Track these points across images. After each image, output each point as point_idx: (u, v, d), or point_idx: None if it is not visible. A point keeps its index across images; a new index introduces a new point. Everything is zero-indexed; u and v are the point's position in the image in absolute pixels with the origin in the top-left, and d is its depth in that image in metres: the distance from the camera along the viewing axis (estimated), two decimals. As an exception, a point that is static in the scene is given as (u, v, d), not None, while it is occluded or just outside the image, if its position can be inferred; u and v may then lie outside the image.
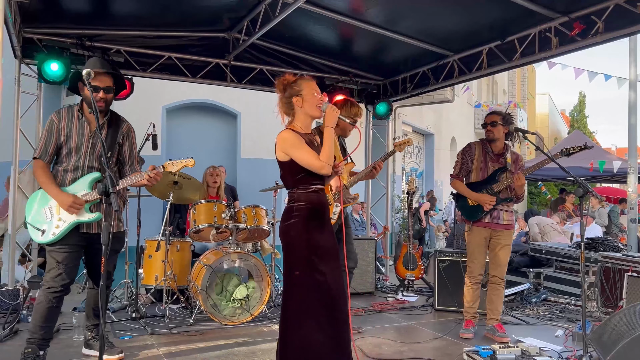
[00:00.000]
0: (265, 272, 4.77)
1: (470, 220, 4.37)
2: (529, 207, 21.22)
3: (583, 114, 33.31)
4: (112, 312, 4.90)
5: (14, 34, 4.67)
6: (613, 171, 10.42)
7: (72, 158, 3.31)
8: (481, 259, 4.35)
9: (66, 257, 3.23)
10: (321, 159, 2.89)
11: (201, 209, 4.91)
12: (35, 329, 3.25)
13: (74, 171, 3.31)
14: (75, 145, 3.31)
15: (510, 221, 4.37)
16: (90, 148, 3.33)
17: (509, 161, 4.37)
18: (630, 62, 7.77)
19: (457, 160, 4.51)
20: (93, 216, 3.30)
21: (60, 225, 3.22)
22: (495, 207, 4.29)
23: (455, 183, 4.49)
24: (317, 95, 2.98)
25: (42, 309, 3.23)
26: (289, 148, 2.92)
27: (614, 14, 4.34)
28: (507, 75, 21.24)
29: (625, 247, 6.01)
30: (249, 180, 7.72)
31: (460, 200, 4.49)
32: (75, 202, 3.18)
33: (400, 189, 11.77)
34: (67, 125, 3.31)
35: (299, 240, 2.92)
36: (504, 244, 4.32)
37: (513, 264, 6.50)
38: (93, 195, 3.25)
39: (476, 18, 5.08)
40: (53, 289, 3.21)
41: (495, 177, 4.32)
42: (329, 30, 5.62)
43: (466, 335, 4.29)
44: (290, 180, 3.01)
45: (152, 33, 5.61)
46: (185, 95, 7.65)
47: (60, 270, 3.21)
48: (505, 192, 4.32)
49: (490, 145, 4.39)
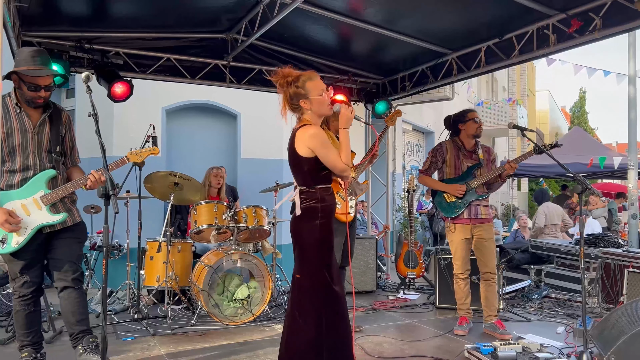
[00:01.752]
0: (266, 272, 4.78)
1: (449, 216, 4.46)
2: (529, 204, 21.23)
3: (584, 110, 33.28)
4: (114, 314, 4.93)
5: (13, 38, 4.68)
6: (613, 167, 10.40)
7: (17, 157, 3.03)
8: (465, 256, 4.44)
9: (26, 264, 3.02)
10: (343, 160, 2.87)
11: (202, 210, 4.92)
12: (23, 337, 3.15)
13: (23, 171, 3.04)
14: (20, 143, 3.02)
15: (488, 215, 4.50)
16: (37, 144, 3.06)
17: (481, 157, 4.49)
18: (629, 56, 7.78)
19: (427, 158, 4.65)
20: (58, 217, 3.06)
21: (22, 233, 2.95)
22: (472, 202, 4.40)
23: (423, 178, 4.64)
24: (324, 95, 2.92)
25: (21, 317, 3.11)
26: (319, 145, 2.84)
27: (612, 11, 4.34)
28: (506, 73, 21.20)
29: (626, 243, 6.01)
30: (249, 181, 7.72)
31: (436, 197, 4.58)
32: (8, 219, 2.88)
33: (401, 187, 11.77)
34: (6, 121, 2.99)
35: (326, 242, 2.91)
36: (486, 238, 4.42)
37: (514, 261, 6.51)
38: (53, 195, 3.03)
39: (474, 16, 5.08)
40: (24, 297, 3.07)
41: (471, 173, 4.45)
42: (327, 30, 5.62)
43: (460, 332, 4.35)
44: (311, 176, 2.91)
45: (151, 35, 5.62)
46: (184, 97, 7.65)
47: (25, 279, 3.03)
48: (481, 188, 4.45)
49: (462, 143, 4.52)
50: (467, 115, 4.51)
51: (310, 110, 2.92)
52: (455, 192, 4.41)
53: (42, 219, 3.01)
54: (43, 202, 3.02)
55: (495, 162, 4.62)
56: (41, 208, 3.01)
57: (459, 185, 4.41)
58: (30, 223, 2.98)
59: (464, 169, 4.48)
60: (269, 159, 7.99)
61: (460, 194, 4.39)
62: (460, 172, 4.49)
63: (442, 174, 4.58)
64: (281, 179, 6.10)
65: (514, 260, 6.51)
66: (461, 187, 4.40)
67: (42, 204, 3.01)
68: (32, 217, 2.99)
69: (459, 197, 4.40)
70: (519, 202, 19.92)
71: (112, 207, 2.60)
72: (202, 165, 5.94)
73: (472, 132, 4.48)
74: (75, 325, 3.17)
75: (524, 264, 6.56)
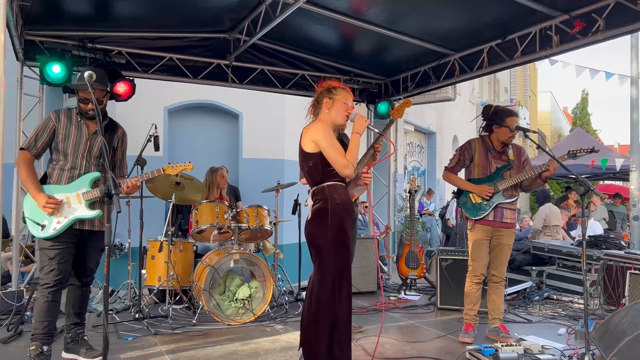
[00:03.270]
0: (267, 272, 4.78)
1: (473, 218, 4.27)
2: (531, 206, 21.19)
3: (586, 111, 33.22)
4: (115, 313, 4.93)
5: (16, 37, 4.69)
6: (616, 169, 10.40)
7: (69, 158, 3.39)
8: (484, 258, 4.25)
9: (58, 253, 3.28)
10: (347, 158, 2.92)
11: (204, 210, 4.92)
12: (37, 325, 3.32)
13: (70, 170, 3.39)
14: (73, 146, 3.40)
15: (513, 219, 4.29)
16: (88, 150, 3.43)
17: (511, 157, 4.28)
18: (632, 58, 7.77)
19: (455, 155, 4.43)
20: (94, 213, 3.37)
21: (61, 221, 3.29)
22: (499, 205, 4.21)
23: (449, 176, 4.41)
24: (348, 105, 3.04)
25: (40, 304, 3.30)
26: (321, 138, 2.92)
27: (615, 12, 4.33)
28: (509, 74, 21.20)
29: (628, 245, 6.00)
30: (251, 181, 7.72)
31: (461, 197, 4.39)
32: (48, 202, 3.24)
33: (402, 188, 11.77)
34: (66, 126, 3.40)
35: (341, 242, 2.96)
36: (505, 243, 4.26)
37: (515, 262, 6.50)
38: (94, 193, 3.35)
39: (477, 17, 5.07)
40: (47, 285, 3.27)
41: (500, 174, 4.25)
42: (330, 30, 5.62)
43: (466, 339, 4.16)
44: (317, 172, 2.98)
45: (154, 34, 5.63)
46: (186, 96, 7.66)
47: (52, 267, 3.27)
48: (510, 191, 4.24)
49: (491, 142, 4.31)
50: (505, 120, 4.17)
51: (327, 112, 3.04)
52: (482, 194, 4.19)
53: (80, 212, 3.35)
54: (84, 198, 3.35)
55: (528, 163, 4.36)
56: (81, 202, 3.36)
57: (487, 187, 4.20)
58: (69, 214, 3.33)
59: (492, 169, 4.26)
60: (271, 159, 7.99)
61: (487, 196, 4.18)
62: (488, 173, 4.27)
63: (470, 173, 4.36)
64: (283, 179, 6.11)
65: (515, 261, 6.50)
66: (489, 188, 4.19)
67: (83, 199, 3.35)
68: (72, 208, 3.34)
69: (486, 198, 4.21)
70: (521, 203, 19.88)
71: (114, 206, 2.62)
72: (204, 165, 5.94)
73: (502, 139, 4.23)
74: (71, 316, 3.57)
75: (526, 265, 6.55)
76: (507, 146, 4.30)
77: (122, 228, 5.28)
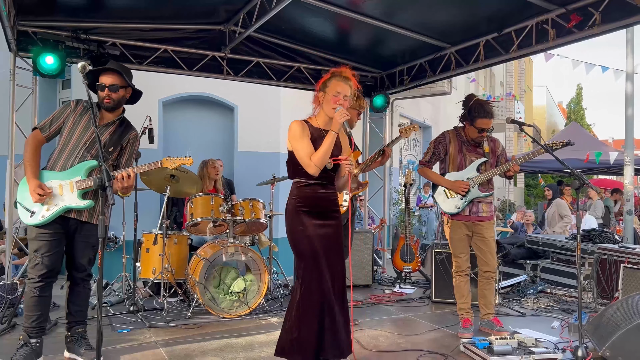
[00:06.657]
0: (262, 265, 4.78)
1: (449, 213, 4.23)
2: (525, 200, 21.27)
3: (580, 106, 33.36)
4: (110, 306, 4.91)
5: (9, 27, 4.63)
6: (609, 162, 10.43)
7: (70, 144, 3.34)
8: (466, 253, 4.25)
9: (44, 245, 3.21)
10: (311, 159, 3.01)
11: (198, 202, 4.91)
12: (26, 318, 3.29)
13: (69, 157, 3.33)
14: (79, 134, 3.35)
15: (489, 212, 4.25)
16: (91, 141, 3.36)
17: (486, 150, 4.23)
18: (627, 53, 7.78)
19: (429, 148, 4.35)
20: (84, 203, 3.29)
21: (51, 209, 3.22)
22: (474, 200, 4.18)
23: (424, 170, 4.34)
24: (336, 97, 3.03)
25: (27, 299, 3.27)
26: (291, 136, 3.08)
27: (611, 6, 4.32)
28: (504, 68, 21.18)
29: (621, 239, 6.03)
30: (246, 174, 7.70)
31: (436, 192, 4.33)
32: (38, 190, 3.17)
33: (398, 181, 11.78)
34: (80, 115, 3.38)
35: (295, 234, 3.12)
36: (487, 236, 4.19)
37: (510, 256, 6.53)
38: (87, 182, 3.27)
39: (473, 10, 5.06)
40: (32, 280, 3.22)
41: (476, 169, 4.21)
42: (325, 23, 5.59)
43: (466, 335, 4.08)
44: (288, 169, 3.18)
45: (148, 26, 5.57)
46: (181, 89, 7.61)
47: (37, 261, 3.20)
48: (485, 185, 4.21)
49: (465, 135, 4.24)
50: (476, 121, 4.10)
51: (321, 106, 3.11)
52: (458, 190, 4.14)
53: (71, 200, 3.26)
54: (77, 186, 3.28)
55: (504, 156, 4.32)
56: (73, 191, 3.28)
57: (462, 182, 4.15)
58: (60, 202, 3.26)
59: (467, 163, 4.20)
60: (266, 152, 7.96)
61: (463, 192, 4.14)
62: (463, 166, 4.21)
63: (445, 166, 4.29)
64: (278, 172, 6.08)
65: (509, 255, 6.52)
66: (465, 184, 4.13)
67: (76, 188, 3.28)
68: (63, 197, 3.26)
69: (462, 194, 4.17)
70: (515, 197, 19.96)
71: (108, 198, 2.59)
72: (199, 158, 5.91)
73: (472, 137, 4.21)
74: (69, 314, 3.47)
75: (520, 259, 6.57)
76: (482, 138, 4.23)
77: (117, 220, 5.26)
